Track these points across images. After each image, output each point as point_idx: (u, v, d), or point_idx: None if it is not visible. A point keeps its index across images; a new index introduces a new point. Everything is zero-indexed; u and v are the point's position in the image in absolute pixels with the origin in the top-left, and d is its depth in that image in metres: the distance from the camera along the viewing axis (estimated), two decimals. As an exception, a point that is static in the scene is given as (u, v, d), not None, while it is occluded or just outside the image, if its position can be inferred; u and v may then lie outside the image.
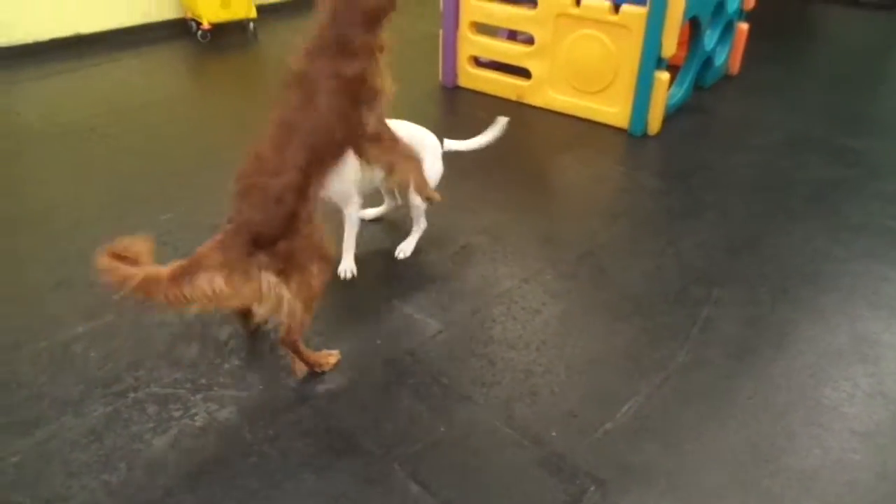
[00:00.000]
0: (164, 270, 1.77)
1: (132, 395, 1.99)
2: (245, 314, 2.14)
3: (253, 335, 2.24)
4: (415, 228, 2.65)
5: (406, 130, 2.39)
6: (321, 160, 1.91)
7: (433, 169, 2.53)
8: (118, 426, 1.89)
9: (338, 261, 2.47)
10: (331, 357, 2.14)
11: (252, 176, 1.88)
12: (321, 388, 2.03)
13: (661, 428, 1.93)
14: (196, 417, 1.92)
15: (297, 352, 2.06)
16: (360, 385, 2.05)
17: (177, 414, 1.93)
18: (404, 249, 2.64)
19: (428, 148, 2.53)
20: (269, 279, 1.87)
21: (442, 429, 1.90)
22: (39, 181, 3.16)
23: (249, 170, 1.89)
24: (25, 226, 2.79)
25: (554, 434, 1.89)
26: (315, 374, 2.09)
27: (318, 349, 2.13)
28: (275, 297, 1.89)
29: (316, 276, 1.96)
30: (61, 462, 1.78)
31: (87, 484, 1.72)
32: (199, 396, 1.99)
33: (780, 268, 2.63)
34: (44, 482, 1.73)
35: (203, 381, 2.04)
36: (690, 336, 2.27)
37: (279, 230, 1.86)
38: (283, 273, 1.89)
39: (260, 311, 1.92)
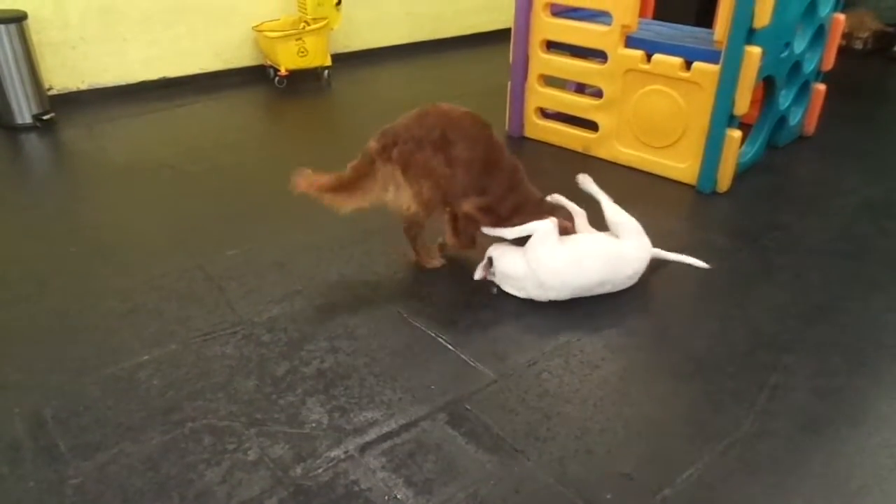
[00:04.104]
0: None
1: (189, 424, 2.02)
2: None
3: (415, 242, 2.78)
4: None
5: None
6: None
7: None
8: (174, 455, 1.92)
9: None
10: (435, 261, 2.80)
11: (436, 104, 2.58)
12: (372, 430, 2.02)
13: (723, 498, 1.83)
14: (249, 452, 1.93)
15: (412, 241, 2.76)
16: (410, 430, 2.03)
17: (230, 447, 1.95)
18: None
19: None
20: (395, 169, 2.48)
21: (492, 482, 1.86)
22: (117, 214, 3.31)
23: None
24: (100, 256, 2.92)
25: (609, 497, 1.82)
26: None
27: (372, 389, 2.13)
28: (395, 184, 2.50)
29: (426, 190, 2.50)
30: (118, 487, 1.81)
31: (139, 511, 1.75)
32: (252, 431, 2.01)
33: (856, 338, 2.49)
34: (99, 506, 1.76)
35: (258, 415, 2.06)
36: (757, 403, 2.16)
37: (409, 143, 2.46)
38: (403, 173, 2.48)
39: (390, 198, 2.54)
